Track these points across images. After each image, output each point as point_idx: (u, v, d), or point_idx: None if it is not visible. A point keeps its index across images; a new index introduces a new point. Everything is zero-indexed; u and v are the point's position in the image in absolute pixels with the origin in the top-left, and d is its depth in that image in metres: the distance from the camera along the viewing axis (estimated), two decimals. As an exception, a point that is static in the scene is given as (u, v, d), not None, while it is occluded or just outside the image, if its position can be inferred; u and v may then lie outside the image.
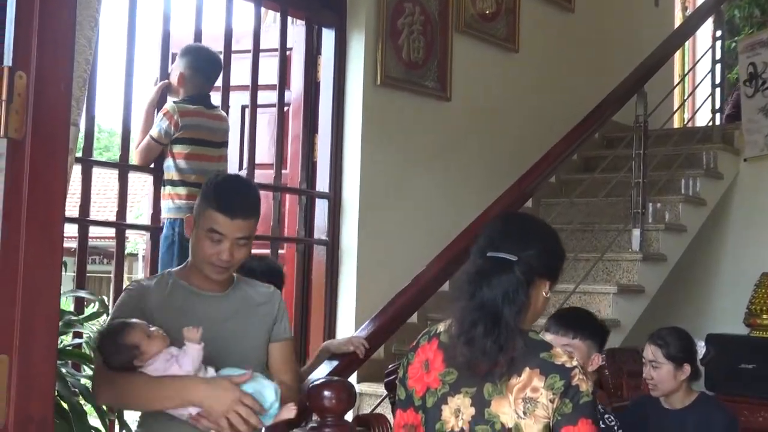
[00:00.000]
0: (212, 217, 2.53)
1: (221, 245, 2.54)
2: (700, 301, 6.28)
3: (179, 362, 2.39)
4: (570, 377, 2.07)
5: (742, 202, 6.21)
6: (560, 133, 5.07)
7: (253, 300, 2.71)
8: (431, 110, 5.26)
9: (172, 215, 4.05)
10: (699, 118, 7.51)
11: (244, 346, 2.62)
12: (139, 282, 2.68)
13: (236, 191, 2.62)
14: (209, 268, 2.58)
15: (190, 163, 4.06)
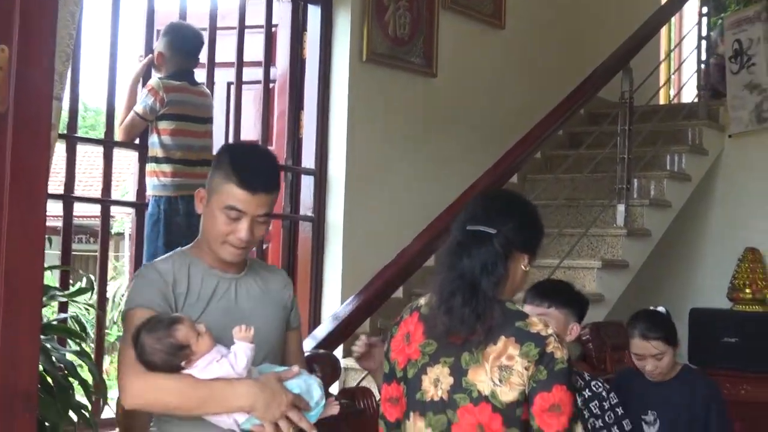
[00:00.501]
0: (231, 192, 2.30)
1: (240, 223, 2.32)
2: (683, 276, 6.32)
3: (233, 364, 2.18)
4: (545, 345, 2.12)
5: (727, 178, 6.24)
6: (546, 108, 5.08)
7: (271, 284, 2.52)
8: (417, 86, 5.27)
9: (157, 192, 4.04)
10: (685, 94, 7.53)
11: (267, 336, 2.41)
12: (154, 265, 2.42)
13: (257, 163, 2.39)
14: (224, 249, 2.35)
15: (175, 140, 4.05)
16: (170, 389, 2.17)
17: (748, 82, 5.99)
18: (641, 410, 3.71)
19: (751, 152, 6.12)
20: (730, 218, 6.22)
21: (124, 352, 2.23)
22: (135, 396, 2.19)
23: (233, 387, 2.18)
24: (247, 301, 2.42)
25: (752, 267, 5.96)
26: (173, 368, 2.17)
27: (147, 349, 2.16)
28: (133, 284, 2.37)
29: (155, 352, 2.15)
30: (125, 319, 2.30)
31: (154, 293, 2.30)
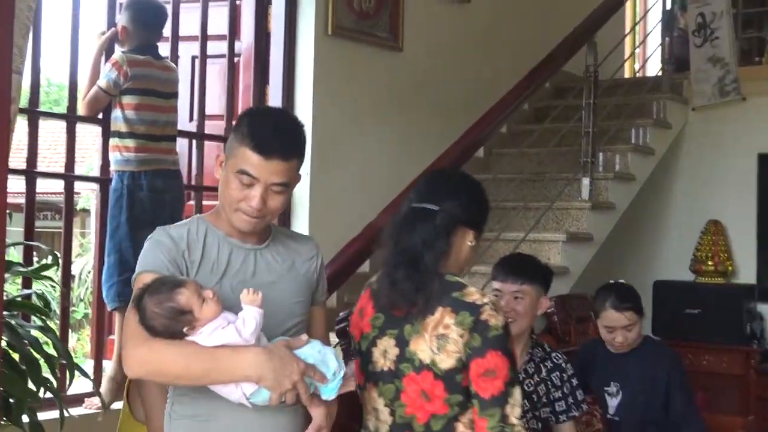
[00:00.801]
0: (244, 155, 2.16)
1: (252, 190, 2.17)
2: (647, 249, 6.39)
3: (240, 330, 2.05)
4: (479, 313, 2.23)
5: (690, 151, 6.30)
6: (512, 82, 5.10)
7: (297, 254, 2.36)
8: (383, 60, 5.26)
9: (120, 167, 4.00)
10: (649, 67, 7.58)
11: (291, 313, 2.29)
12: (167, 229, 2.27)
13: (276, 126, 2.22)
14: (237, 216, 2.22)
15: (139, 114, 4.01)
16: (172, 356, 2.05)
17: (711, 55, 6.03)
18: (604, 382, 3.76)
19: (714, 125, 6.18)
20: (693, 191, 6.29)
21: (128, 318, 2.12)
22: (136, 363, 2.08)
23: (239, 354, 2.04)
24: (268, 275, 2.27)
25: (715, 239, 6.04)
26: (174, 334, 2.06)
27: (147, 314, 2.05)
28: (144, 248, 2.24)
29: (155, 316, 2.05)
30: (134, 285, 2.18)
31: (164, 258, 2.18)
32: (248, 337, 2.05)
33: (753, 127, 6.05)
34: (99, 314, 4.21)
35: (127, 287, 3.83)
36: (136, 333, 2.07)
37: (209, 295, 2.07)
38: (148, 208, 3.95)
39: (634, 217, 5.98)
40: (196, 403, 2.18)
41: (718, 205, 6.14)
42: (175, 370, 2.06)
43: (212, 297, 2.06)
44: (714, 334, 5.66)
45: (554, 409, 3.40)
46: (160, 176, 4.02)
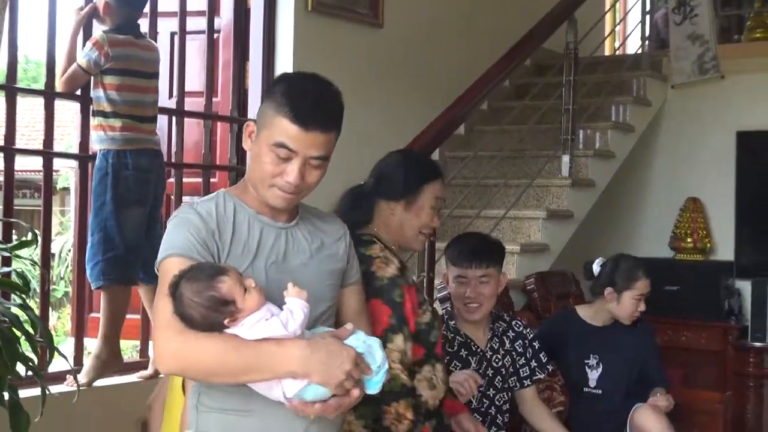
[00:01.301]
0: (281, 126, 1.99)
1: (289, 164, 2.01)
2: (627, 226, 6.43)
3: (285, 323, 1.89)
4: (370, 264, 2.45)
5: (670, 128, 6.33)
6: (492, 59, 5.08)
7: (325, 234, 2.21)
8: (364, 37, 5.24)
9: (104, 146, 3.97)
10: (629, 45, 7.59)
11: (322, 296, 2.12)
12: (194, 206, 2.07)
13: (316, 95, 2.06)
14: (271, 193, 2.05)
15: (122, 95, 3.97)
16: (210, 350, 1.87)
17: (690, 33, 6.05)
18: (583, 355, 3.80)
19: (693, 103, 6.21)
20: (673, 168, 6.32)
21: (159, 307, 1.93)
22: (169, 357, 1.90)
23: (283, 348, 1.87)
24: (299, 256, 2.11)
25: (694, 217, 6.08)
26: (214, 326, 1.89)
27: (185, 302, 1.88)
28: (169, 227, 2.04)
29: (194, 306, 1.87)
30: (159, 269, 2.01)
31: (194, 239, 1.98)
32: (295, 329, 1.90)
33: (732, 105, 6.08)
34: (79, 293, 4.19)
35: (113, 266, 3.86)
36: (169, 324, 1.90)
37: (251, 284, 1.91)
38: (133, 187, 3.94)
39: (613, 195, 6.00)
40: (228, 395, 2.00)
41: (697, 182, 6.18)
42: (212, 366, 1.88)
43: (254, 286, 1.91)
44: (692, 310, 5.71)
45: (519, 375, 3.44)
46: (144, 155, 4.00)
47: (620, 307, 3.80)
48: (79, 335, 4.12)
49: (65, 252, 12.16)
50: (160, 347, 1.92)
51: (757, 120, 5.97)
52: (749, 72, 6.02)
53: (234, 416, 2.01)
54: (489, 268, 3.24)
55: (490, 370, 3.36)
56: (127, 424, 3.94)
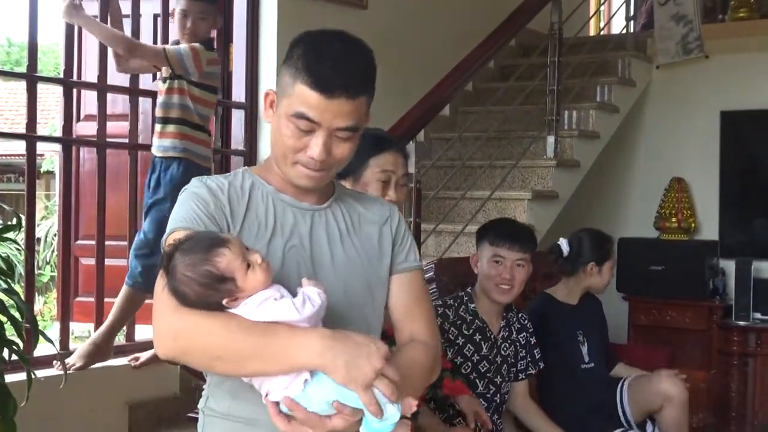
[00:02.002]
0: (300, 94, 1.74)
1: (312, 137, 1.77)
2: (612, 206, 6.45)
3: (298, 306, 1.63)
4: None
5: (654, 108, 6.34)
6: (477, 40, 5.08)
7: (365, 218, 1.96)
8: (348, 18, 5.21)
9: (184, 155, 3.93)
10: (614, 25, 7.59)
11: (354, 285, 1.87)
12: (204, 179, 1.86)
13: (341, 55, 1.78)
14: (294, 170, 1.82)
15: (207, 110, 4.01)
16: (213, 330, 1.62)
17: (674, 13, 6.05)
18: (571, 333, 3.85)
19: (677, 83, 6.22)
20: (657, 148, 6.34)
21: (156, 287, 1.71)
22: (166, 338, 1.66)
23: (298, 334, 1.61)
24: (327, 241, 1.87)
25: (678, 197, 6.10)
26: (211, 306, 1.64)
27: (178, 277, 1.65)
28: (177, 201, 1.84)
29: (187, 282, 1.64)
30: (165, 245, 1.78)
31: (200, 211, 1.77)
32: (308, 315, 1.63)
33: (716, 85, 6.09)
34: (64, 277, 4.18)
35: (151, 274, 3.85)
36: (166, 301, 1.66)
37: (257, 259, 1.65)
38: None
39: (598, 175, 6.02)
40: (236, 402, 1.80)
41: (681, 162, 6.20)
42: (215, 348, 1.62)
43: (260, 262, 1.65)
44: (677, 290, 5.74)
45: (517, 367, 3.46)
46: (207, 171, 4.04)
47: (601, 278, 3.94)
48: (64, 319, 4.12)
49: (50, 236, 12.12)
50: (157, 327, 1.68)
51: (741, 100, 5.98)
52: (733, 52, 6.04)
53: (240, 425, 1.80)
54: (526, 253, 3.30)
55: (499, 357, 3.37)
56: (114, 407, 3.95)
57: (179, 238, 1.70)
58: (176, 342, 1.65)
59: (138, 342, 4.30)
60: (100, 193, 4.16)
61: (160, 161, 3.92)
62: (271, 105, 1.85)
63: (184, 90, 3.92)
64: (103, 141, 4.22)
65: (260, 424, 1.75)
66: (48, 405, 3.47)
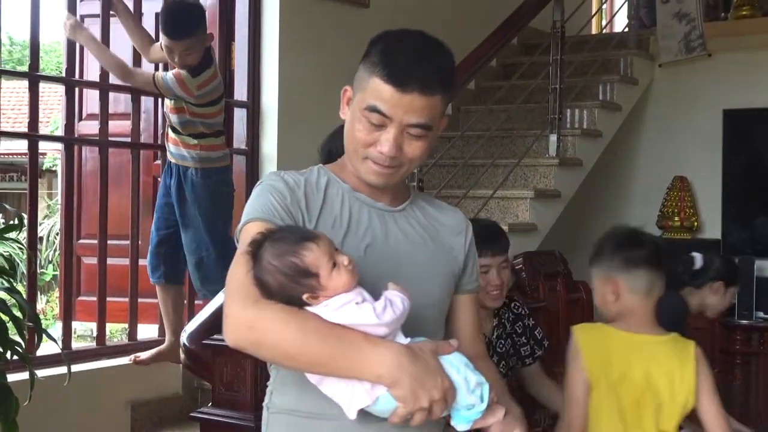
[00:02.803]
0: (374, 87, 1.74)
1: (383, 132, 1.75)
2: (614, 205, 6.43)
3: (378, 312, 1.60)
4: None
5: (657, 107, 6.33)
6: (479, 39, 5.08)
7: (441, 225, 1.92)
8: (349, 17, 5.21)
9: (207, 165, 4.00)
10: (616, 23, 7.58)
11: (428, 294, 1.82)
12: (281, 173, 1.83)
13: (418, 50, 1.78)
14: (365, 167, 1.79)
15: (215, 119, 4.05)
16: (290, 327, 1.58)
17: (677, 11, 6.04)
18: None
19: (680, 81, 6.21)
20: (660, 147, 6.33)
21: (234, 272, 1.67)
22: (242, 327, 1.61)
23: (375, 346, 1.58)
24: (404, 245, 1.83)
25: (681, 195, 6.09)
26: (292, 300, 1.62)
27: (263, 265, 1.63)
28: (253, 193, 1.82)
29: (271, 271, 1.62)
30: (239, 237, 1.76)
31: (277, 205, 1.74)
32: (388, 321, 1.60)
33: (718, 83, 6.08)
34: (66, 276, 4.19)
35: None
36: (244, 289, 1.64)
37: (344, 260, 1.63)
38: (229, 202, 4.09)
39: (601, 174, 6.01)
40: (302, 395, 1.75)
41: (684, 161, 6.19)
42: (289, 346, 1.59)
43: (347, 264, 1.63)
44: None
45: (520, 354, 3.44)
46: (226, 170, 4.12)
47: (723, 299, 3.96)
48: (67, 318, 4.12)
49: (53, 235, 12.12)
50: (233, 315, 1.62)
51: (744, 98, 5.97)
52: (736, 50, 6.03)
53: (306, 420, 1.76)
54: (506, 252, 3.25)
55: (495, 356, 3.36)
56: (116, 407, 3.95)
57: (269, 228, 1.68)
58: (251, 332, 1.60)
59: (141, 341, 4.30)
60: (102, 192, 4.17)
61: (176, 167, 3.99)
62: (348, 102, 1.85)
63: (183, 109, 3.95)
64: (105, 140, 4.23)
65: (327, 417, 1.71)
66: (50, 405, 3.47)
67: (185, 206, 3.97)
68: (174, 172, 3.99)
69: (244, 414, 2.68)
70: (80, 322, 5.29)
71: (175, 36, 3.79)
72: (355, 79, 1.82)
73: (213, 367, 2.74)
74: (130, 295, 4.28)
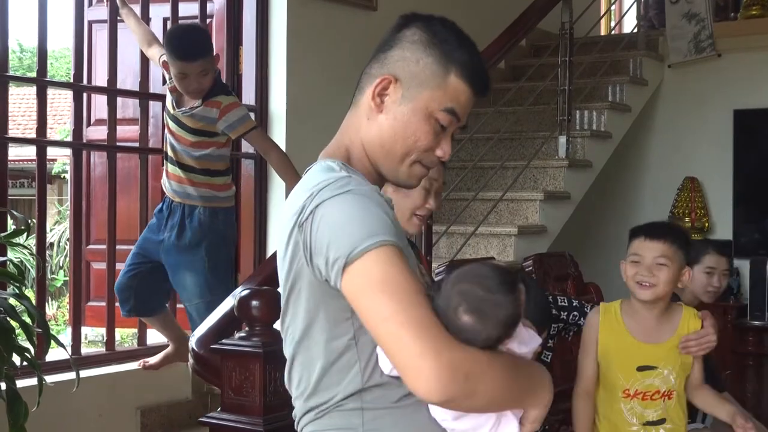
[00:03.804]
0: (456, 89, 1.61)
1: (444, 136, 1.65)
2: (625, 206, 6.41)
3: (525, 339, 1.58)
4: None
5: (666, 108, 6.31)
6: (488, 40, 5.06)
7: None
8: (358, 20, 5.21)
9: (228, 204, 3.93)
10: (625, 24, 7.56)
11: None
12: (376, 189, 1.57)
13: (479, 54, 1.70)
14: (411, 171, 1.66)
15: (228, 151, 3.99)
16: (499, 373, 1.46)
17: (686, 11, 6.02)
18: None
19: (690, 82, 6.19)
20: (670, 148, 6.30)
21: (411, 312, 1.42)
22: (455, 377, 1.40)
23: (542, 372, 1.56)
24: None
25: (691, 196, 6.07)
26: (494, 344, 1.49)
27: (476, 310, 1.45)
28: (360, 204, 1.50)
29: (488, 319, 1.47)
30: (359, 263, 1.45)
31: (393, 223, 1.51)
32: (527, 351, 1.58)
33: (728, 84, 6.06)
34: (76, 281, 4.19)
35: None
36: (436, 332, 1.43)
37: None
38: (233, 246, 4.04)
39: (611, 175, 5.99)
40: (398, 425, 1.59)
41: (694, 161, 6.17)
42: (498, 391, 1.47)
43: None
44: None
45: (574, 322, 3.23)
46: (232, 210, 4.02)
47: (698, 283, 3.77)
48: (76, 324, 4.12)
49: (64, 241, 12.16)
50: (446, 363, 1.40)
51: (754, 98, 5.95)
52: (746, 50, 6.00)
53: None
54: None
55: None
56: (126, 412, 3.95)
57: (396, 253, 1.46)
58: (467, 382, 1.42)
59: (150, 346, 4.30)
60: (111, 197, 4.16)
61: (179, 206, 3.81)
62: (382, 93, 1.64)
63: (211, 143, 3.81)
64: (114, 145, 4.23)
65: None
66: (59, 410, 3.47)
67: (186, 248, 3.78)
68: (176, 211, 3.81)
69: (253, 419, 2.66)
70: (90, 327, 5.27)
71: (190, 57, 3.61)
72: (412, 72, 1.62)
73: (222, 372, 2.73)
74: (139, 300, 4.27)
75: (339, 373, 1.57)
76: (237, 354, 2.70)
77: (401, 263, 1.47)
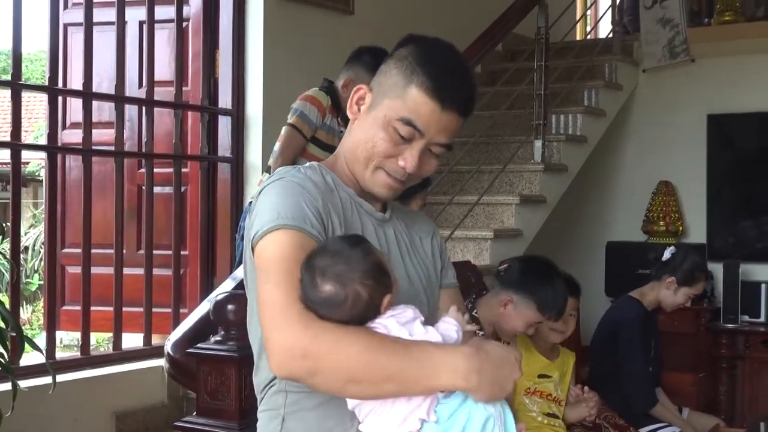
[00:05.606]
0: (413, 99, 1.62)
1: (408, 146, 1.64)
2: (600, 210, 6.45)
3: (441, 328, 1.56)
4: None
5: (641, 112, 6.36)
6: (464, 45, 5.07)
7: (416, 230, 1.85)
8: (334, 24, 5.21)
9: None
10: (601, 29, 7.60)
11: (418, 297, 1.75)
12: (302, 170, 1.66)
13: (460, 69, 1.70)
14: (375, 177, 1.68)
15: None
16: (355, 347, 1.44)
17: (661, 17, 6.07)
18: (650, 338, 4.04)
19: (664, 87, 6.24)
20: (645, 152, 6.35)
21: (270, 294, 1.50)
22: (297, 356, 1.44)
23: (445, 355, 1.47)
24: (396, 256, 1.73)
25: (666, 200, 6.11)
26: (366, 313, 1.50)
27: (335, 278, 1.47)
28: (271, 192, 1.61)
29: (352, 280, 1.48)
30: (260, 246, 1.56)
31: (309, 211, 1.57)
32: (451, 339, 1.56)
33: (702, 88, 6.11)
34: (50, 285, 4.16)
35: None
36: (292, 315, 1.47)
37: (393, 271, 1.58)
38: None
39: (586, 179, 6.02)
40: (324, 419, 1.62)
41: (668, 165, 6.21)
42: (355, 368, 1.45)
43: (393, 279, 1.56)
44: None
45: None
46: None
47: (674, 297, 3.98)
48: (51, 328, 4.09)
49: (39, 245, 12.08)
50: (280, 342, 1.46)
51: (727, 103, 6.01)
52: (719, 55, 6.06)
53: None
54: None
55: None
56: (101, 416, 3.93)
57: (303, 240, 1.52)
58: (305, 360, 1.45)
59: (126, 350, 4.28)
60: (86, 201, 4.15)
61: None
62: (359, 102, 1.71)
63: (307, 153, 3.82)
64: (89, 149, 4.21)
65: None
66: (34, 415, 3.45)
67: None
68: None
69: (228, 422, 2.67)
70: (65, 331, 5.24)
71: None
72: (380, 82, 1.69)
73: (197, 376, 2.73)
74: (114, 304, 4.25)
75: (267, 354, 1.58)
76: (212, 358, 2.70)
77: (291, 247, 1.52)
